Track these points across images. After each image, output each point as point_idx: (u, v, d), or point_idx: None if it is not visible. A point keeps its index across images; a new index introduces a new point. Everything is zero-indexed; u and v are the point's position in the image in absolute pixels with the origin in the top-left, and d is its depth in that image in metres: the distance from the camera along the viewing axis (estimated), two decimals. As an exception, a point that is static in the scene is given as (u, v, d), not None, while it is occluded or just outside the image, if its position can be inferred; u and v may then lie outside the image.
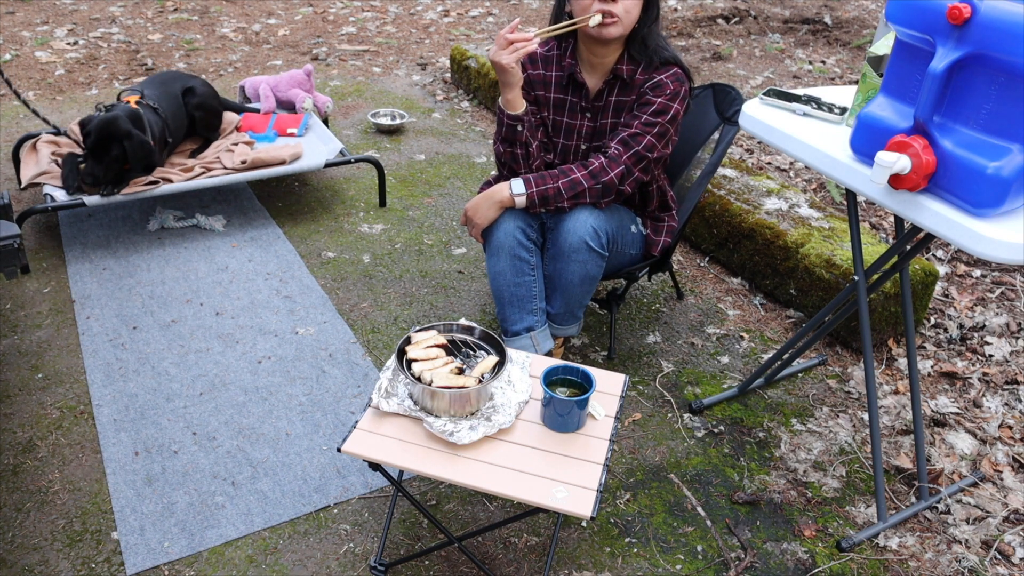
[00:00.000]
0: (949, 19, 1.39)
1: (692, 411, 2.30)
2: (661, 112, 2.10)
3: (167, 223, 3.09)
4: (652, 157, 2.12)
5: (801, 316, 2.73)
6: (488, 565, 1.82)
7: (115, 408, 2.22)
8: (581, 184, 2.09)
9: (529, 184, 2.11)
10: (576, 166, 2.12)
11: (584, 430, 1.68)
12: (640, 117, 2.11)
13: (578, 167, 2.11)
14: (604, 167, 2.09)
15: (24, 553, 1.80)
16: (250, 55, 5.08)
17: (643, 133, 2.10)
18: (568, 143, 2.25)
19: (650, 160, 2.13)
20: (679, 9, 6.28)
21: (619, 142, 2.11)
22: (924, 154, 1.46)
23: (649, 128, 2.10)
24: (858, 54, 5.30)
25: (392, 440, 1.62)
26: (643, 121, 2.10)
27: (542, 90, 2.23)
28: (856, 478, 2.11)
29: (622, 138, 2.11)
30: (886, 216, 3.28)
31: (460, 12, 6.22)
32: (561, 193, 2.09)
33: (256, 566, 1.80)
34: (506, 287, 2.19)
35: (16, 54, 4.87)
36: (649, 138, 2.10)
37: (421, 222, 3.25)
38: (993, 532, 1.95)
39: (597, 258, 2.13)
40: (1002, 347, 2.58)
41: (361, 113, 4.26)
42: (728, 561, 1.86)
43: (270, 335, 2.54)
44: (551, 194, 2.10)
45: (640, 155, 2.10)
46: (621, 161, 2.09)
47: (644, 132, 2.10)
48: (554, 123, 2.25)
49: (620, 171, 2.09)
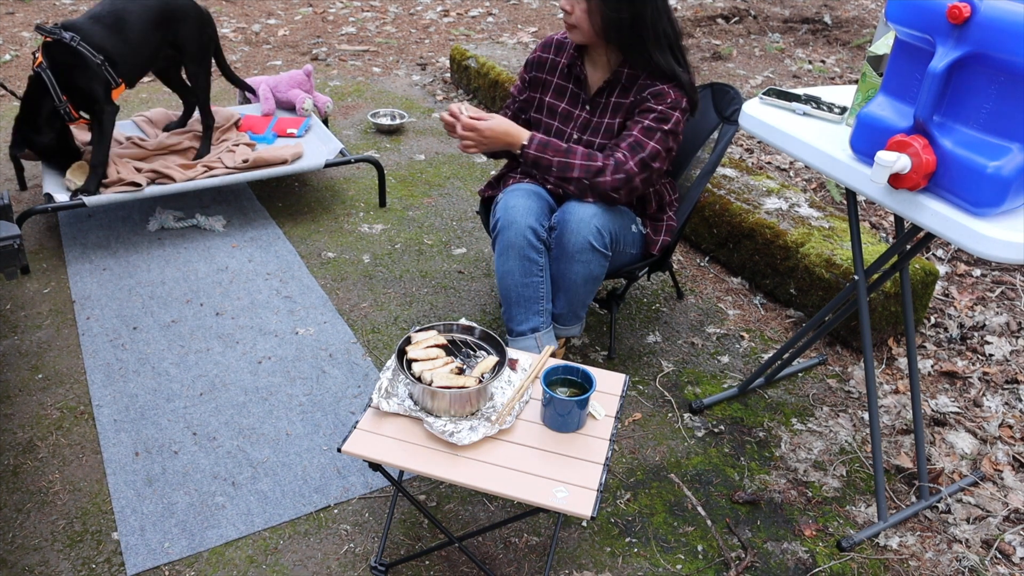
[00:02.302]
0: (949, 19, 1.39)
1: (692, 411, 2.30)
2: (663, 119, 2.10)
3: (167, 223, 3.09)
4: (656, 167, 2.12)
5: (801, 316, 2.73)
6: (488, 565, 1.82)
7: (115, 408, 2.22)
8: (573, 171, 2.10)
9: (531, 144, 2.13)
10: (582, 153, 2.12)
11: (584, 430, 1.68)
12: (642, 122, 2.11)
13: (582, 155, 2.11)
14: (604, 169, 2.09)
15: (24, 553, 1.81)
16: (250, 55, 5.08)
17: (647, 139, 2.09)
18: (563, 128, 2.27)
19: (653, 170, 2.12)
20: (679, 9, 6.28)
21: (627, 147, 2.10)
22: (924, 153, 1.46)
23: (651, 134, 2.09)
24: (858, 54, 5.30)
25: (392, 440, 1.62)
26: (646, 127, 2.10)
27: (546, 73, 2.30)
28: (856, 478, 2.11)
29: (630, 143, 2.10)
30: (886, 215, 3.28)
31: (460, 12, 6.22)
32: (552, 168, 2.12)
33: (256, 566, 1.80)
34: (514, 287, 2.19)
35: (16, 54, 4.87)
36: (653, 145, 2.09)
37: (421, 222, 3.25)
38: (993, 531, 1.95)
39: (601, 258, 2.13)
40: (1002, 346, 2.58)
41: (361, 113, 4.26)
42: (728, 561, 1.86)
43: (270, 335, 2.54)
44: (543, 164, 2.13)
45: (645, 162, 2.09)
46: (624, 169, 2.08)
47: (648, 138, 2.09)
48: (550, 106, 2.29)
49: (619, 179, 2.08)
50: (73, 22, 2.76)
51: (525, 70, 2.37)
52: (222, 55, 3.30)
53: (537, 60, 2.33)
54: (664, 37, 2.08)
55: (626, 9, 2.02)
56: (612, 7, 2.02)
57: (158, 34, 2.94)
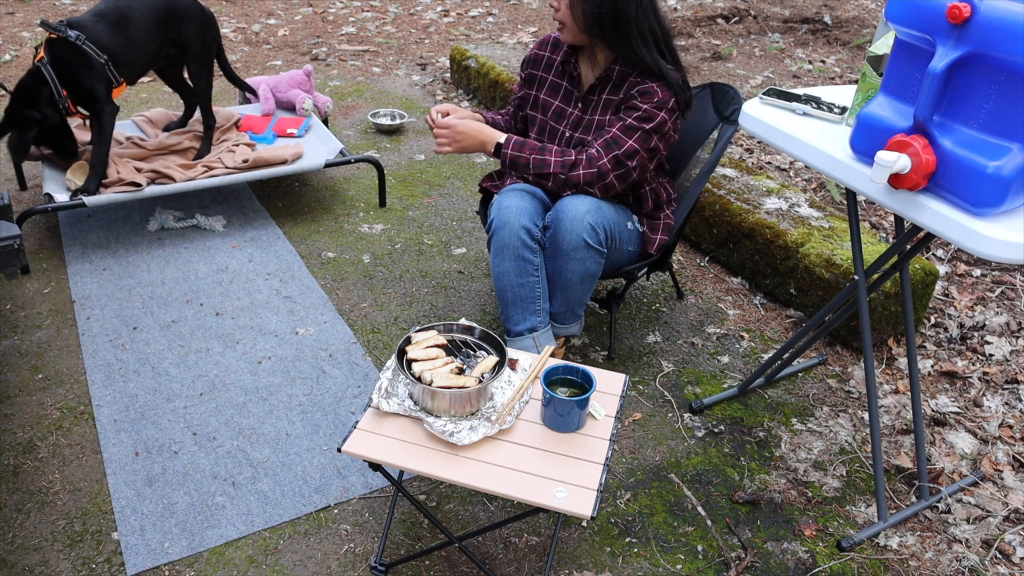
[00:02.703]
0: (949, 19, 1.39)
1: (692, 411, 2.30)
2: (646, 119, 2.11)
3: (167, 223, 3.09)
4: (632, 165, 2.12)
5: (801, 316, 2.73)
6: (488, 565, 1.82)
7: (115, 408, 2.22)
8: (548, 167, 2.15)
9: (508, 144, 2.18)
10: (555, 150, 2.16)
11: (584, 430, 1.68)
12: (625, 120, 2.12)
13: (556, 152, 2.16)
14: (577, 163, 2.13)
15: (24, 553, 1.81)
16: (250, 55, 5.08)
17: (625, 137, 2.11)
18: (556, 126, 2.29)
19: (630, 168, 2.13)
20: (679, 9, 6.28)
21: (602, 143, 2.12)
22: (924, 153, 1.46)
23: (631, 132, 2.11)
24: (858, 54, 5.30)
25: (392, 440, 1.62)
26: (627, 125, 2.11)
27: (541, 70, 2.33)
28: (856, 477, 2.11)
29: (606, 140, 2.12)
30: (886, 215, 3.28)
31: (460, 12, 6.22)
32: (529, 167, 2.16)
33: (256, 566, 1.80)
34: (509, 287, 2.19)
35: (16, 54, 4.87)
36: (631, 143, 2.10)
37: (421, 222, 3.25)
38: (993, 531, 1.95)
39: (596, 255, 2.13)
40: (1002, 346, 2.58)
41: (361, 113, 4.26)
42: (728, 561, 1.86)
43: (270, 335, 2.54)
44: (520, 163, 2.17)
45: (619, 160, 2.11)
46: (597, 165, 2.11)
47: (627, 136, 2.11)
48: (544, 103, 2.31)
49: (591, 173, 2.11)
50: (78, 20, 2.75)
51: (523, 67, 2.40)
52: (224, 55, 3.30)
53: (534, 57, 2.36)
54: (651, 35, 2.10)
55: (607, 3, 2.04)
56: (591, 1, 2.05)
57: (161, 33, 2.93)
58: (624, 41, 2.09)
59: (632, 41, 2.08)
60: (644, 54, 2.09)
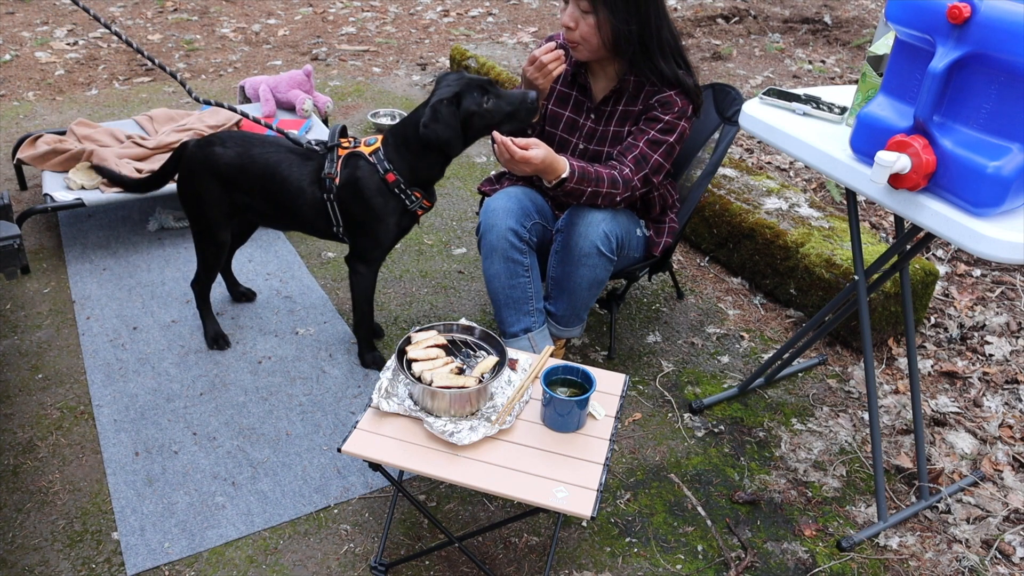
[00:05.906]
0: (949, 19, 1.39)
1: (692, 411, 2.30)
2: (669, 130, 2.10)
3: (167, 223, 3.09)
4: (658, 180, 2.16)
5: (801, 316, 2.73)
6: (488, 565, 1.82)
7: (115, 408, 2.22)
8: (598, 200, 2.08)
9: (572, 179, 2.02)
10: (607, 181, 2.07)
11: (584, 430, 1.68)
12: (648, 134, 2.11)
13: (607, 184, 2.07)
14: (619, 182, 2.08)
15: (24, 553, 1.81)
16: (250, 55, 5.08)
17: (652, 152, 2.11)
18: (568, 137, 2.25)
19: (655, 183, 2.17)
20: (679, 9, 6.28)
21: (632, 161, 2.10)
22: (924, 153, 1.46)
23: (656, 147, 2.11)
24: (858, 54, 5.30)
25: (392, 440, 1.62)
26: (652, 139, 2.11)
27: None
28: (856, 478, 2.11)
29: (635, 157, 2.10)
30: (886, 215, 3.28)
31: (460, 12, 6.22)
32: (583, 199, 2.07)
33: (256, 566, 1.80)
34: (501, 290, 2.19)
35: (16, 54, 4.87)
36: (657, 158, 2.11)
37: (421, 222, 3.25)
38: (993, 531, 1.95)
39: (607, 263, 2.13)
40: (1002, 346, 2.58)
41: (361, 113, 4.26)
42: (728, 561, 1.86)
43: (270, 335, 2.54)
44: (575, 195, 2.06)
45: (648, 178, 2.13)
46: (631, 187, 2.10)
47: (652, 151, 2.11)
48: (553, 115, 2.27)
49: (627, 197, 2.11)
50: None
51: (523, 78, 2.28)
52: None
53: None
54: (667, 44, 2.08)
55: (634, 20, 2.00)
56: (621, 19, 1.99)
57: None
58: (646, 55, 2.06)
59: (653, 56, 2.06)
60: (663, 67, 2.07)
